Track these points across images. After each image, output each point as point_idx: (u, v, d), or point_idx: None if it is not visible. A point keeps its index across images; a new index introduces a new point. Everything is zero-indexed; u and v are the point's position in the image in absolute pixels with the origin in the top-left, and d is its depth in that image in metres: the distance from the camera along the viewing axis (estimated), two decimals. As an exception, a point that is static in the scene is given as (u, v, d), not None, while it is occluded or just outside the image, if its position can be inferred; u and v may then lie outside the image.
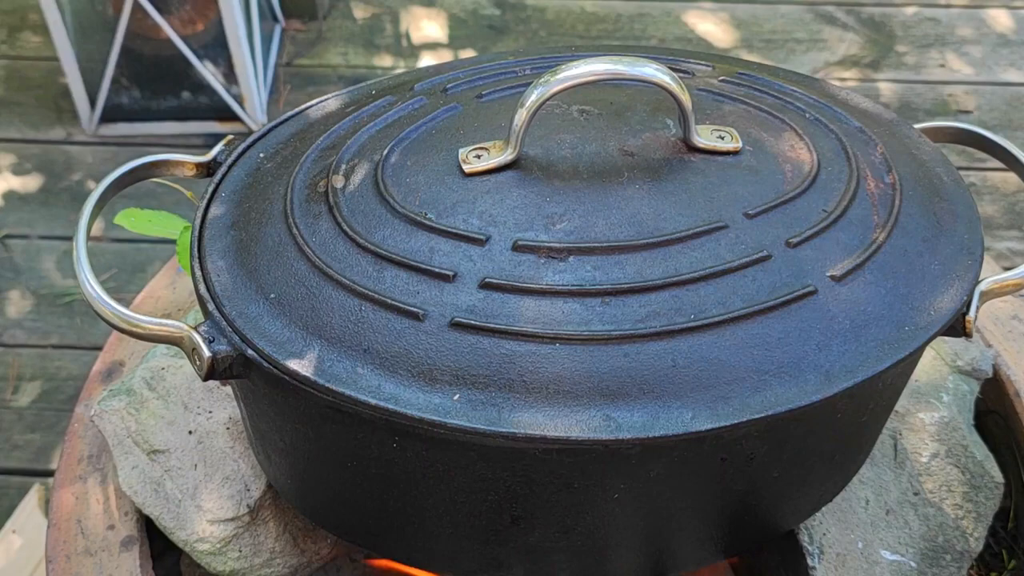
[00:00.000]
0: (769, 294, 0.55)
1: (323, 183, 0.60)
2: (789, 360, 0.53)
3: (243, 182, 0.65)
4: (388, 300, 0.54)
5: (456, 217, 0.56)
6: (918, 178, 0.64)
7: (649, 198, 0.57)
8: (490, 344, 0.53)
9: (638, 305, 0.54)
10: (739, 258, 0.55)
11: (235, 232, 0.61)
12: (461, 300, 0.54)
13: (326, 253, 0.57)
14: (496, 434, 0.51)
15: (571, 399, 0.52)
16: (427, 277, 0.55)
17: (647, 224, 0.56)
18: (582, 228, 0.56)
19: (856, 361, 0.54)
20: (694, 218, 0.56)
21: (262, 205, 0.62)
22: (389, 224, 0.57)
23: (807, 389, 0.53)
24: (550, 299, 0.54)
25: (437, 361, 0.53)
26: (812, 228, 0.57)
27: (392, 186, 0.59)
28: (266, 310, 0.56)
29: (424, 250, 0.56)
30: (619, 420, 0.51)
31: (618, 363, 0.52)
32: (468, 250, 0.55)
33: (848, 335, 0.55)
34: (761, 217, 0.57)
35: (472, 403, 0.52)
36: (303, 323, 0.55)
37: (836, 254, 0.57)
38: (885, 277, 0.57)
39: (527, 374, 0.52)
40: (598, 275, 0.54)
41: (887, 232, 0.58)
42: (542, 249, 0.55)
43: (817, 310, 0.55)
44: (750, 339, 0.54)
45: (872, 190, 0.60)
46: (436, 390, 0.52)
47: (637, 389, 0.52)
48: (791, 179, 0.59)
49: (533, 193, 0.57)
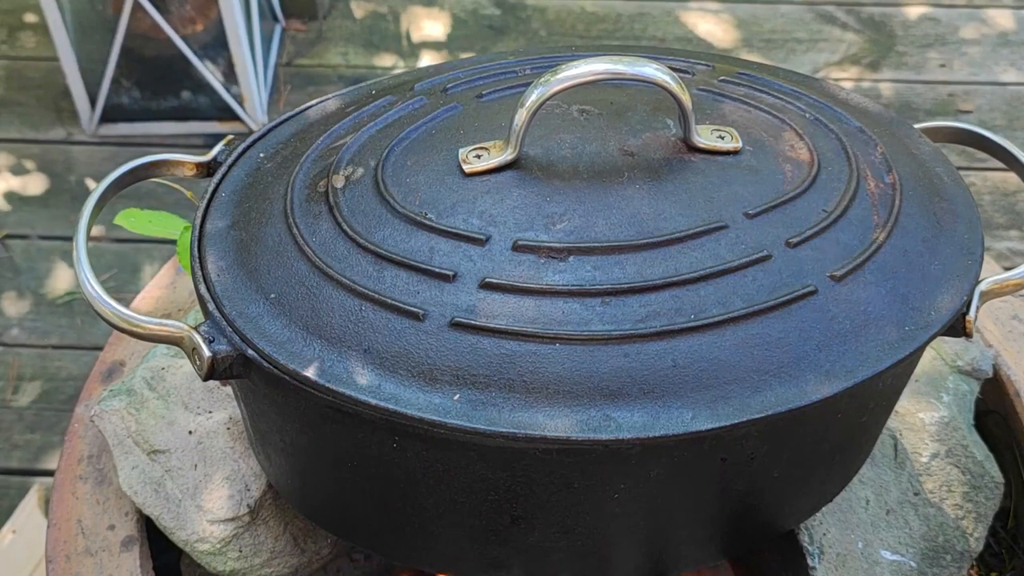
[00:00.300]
0: (769, 294, 0.55)
1: (323, 183, 0.60)
2: (789, 360, 0.53)
3: (243, 182, 0.65)
4: (388, 300, 0.54)
5: (456, 217, 0.56)
6: (918, 178, 0.64)
7: (649, 198, 0.57)
8: (490, 344, 0.53)
9: (638, 305, 0.54)
10: (739, 258, 0.55)
11: (235, 232, 0.61)
12: (461, 300, 0.54)
13: (326, 253, 0.57)
14: (496, 434, 0.51)
15: (571, 399, 0.52)
16: (427, 277, 0.55)
17: (647, 224, 0.56)
18: (582, 228, 0.56)
19: (856, 361, 0.54)
20: (694, 218, 0.56)
21: (262, 205, 0.62)
22: (389, 224, 0.57)
23: (807, 389, 0.53)
24: (550, 299, 0.54)
25: (437, 361, 0.53)
26: (812, 228, 0.57)
27: (392, 186, 0.59)
28: (266, 310, 0.56)
29: (424, 250, 0.56)
30: (619, 420, 0.51)
31: (618, 363, 0.52)
32: (468, 250, 0.55)
33: (848, 335, 0.55)
34: (761, 217, 0.57)
35: (472, 403, 0.52)
36: (303, 323, 0.55)
37: (836, 254, 0.57)
38: (885, 277, 0.57)
39: (527, 374, 0.52)
40: (598, 275, 0.54)
41: (887, 232, 0.58)
42: (542, 249, 0.55)
43: (817, 310, 0.55)
44: (750, 339, 0.54)
45: (872, 190, 0.60)
46: (436, 390, 0.52)
47: (637, 389, 0.52)
48: (791, 179, 0.59)
49: (533, 193, 0.57)
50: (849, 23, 2.04)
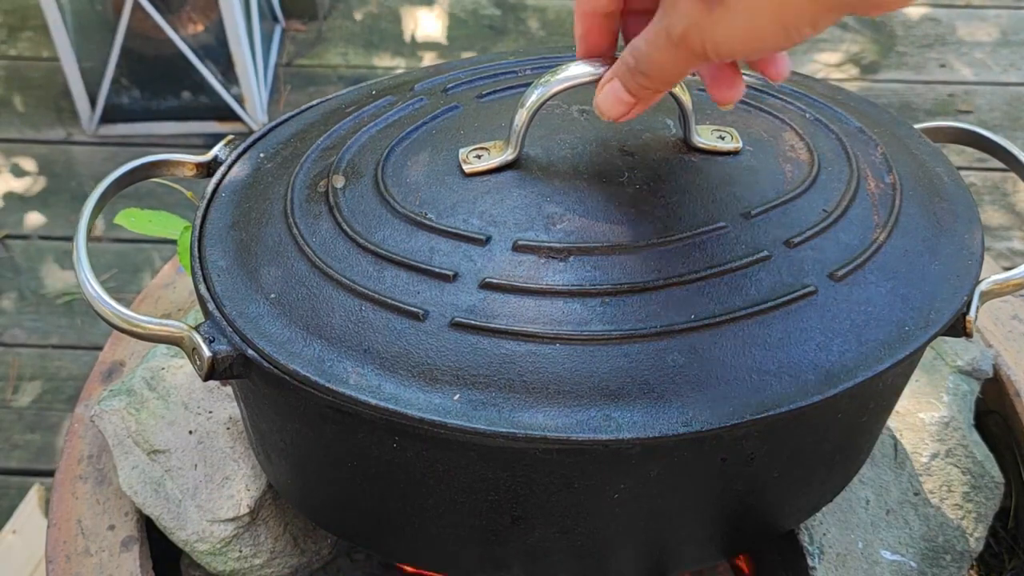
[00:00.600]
0: (769, 294, 0.55)
1: (323, 183, 0.60)
2: (789, 360, 0.53)
3: (243, 182, 0.65)
4: (388, 300, 0.54)
5: (456, 217, 0.56)
6: (918, 178, 0.64)
7: (649, 198, 0.57)
8: (490, 344, 0.53)
9: (638, 305, 0.54)
10: (739, 258, 0.55)
11: (235, 232, 0.61)
12: (461, 300, 0.54)
13: (326, 253, 0.57)
14: (496, 434, 0.51)
15: (571, 399, 0.52)
16: (427, 277, 0.55)
17: (647, 224, 0.56)
18: (582, 228, 0.56)
19: (857, 361, 0.54)
20: (694, 218, 0.56)
21: (262, 205, 0.62)
22: (389, 224, 0.57)
23: (808, 389, 0.53)
24: (550, 299, 0.54)
25: (437, 361, 0.53)
26: (812, 228, 0.57)
27: (392, 186, 0.59)
28: (267, 310, 0.56)
29: (424, 250, 0.56)
30: (619, 420, 0.51)
31: (618, 363, 0.52)
32: (468, 250, 0.55)
33: (849, 335, 0.55)
34: (761, 217, 0.57)
35: (472, 403, 0.52)
36: (303, 323, 0.55)
37: (836, 254, 0.57)
38: (886, 277, 0.57)
39: (527, 374, 0.52)
40: (598, 275, 0.54)
41: (887, 232, 0.58)
42: (542, 249, 0.55)
43: (817, 310, 0.55)
44: (750, 339, 0.53)
45: (872, 190, 0.60)
46: (436, 390, 0.52)
47: (637, 389, 0.52)
48: (791, 179, 0.59)
49: (533, 193, 0.57)
50: (849, 23, 2.04)
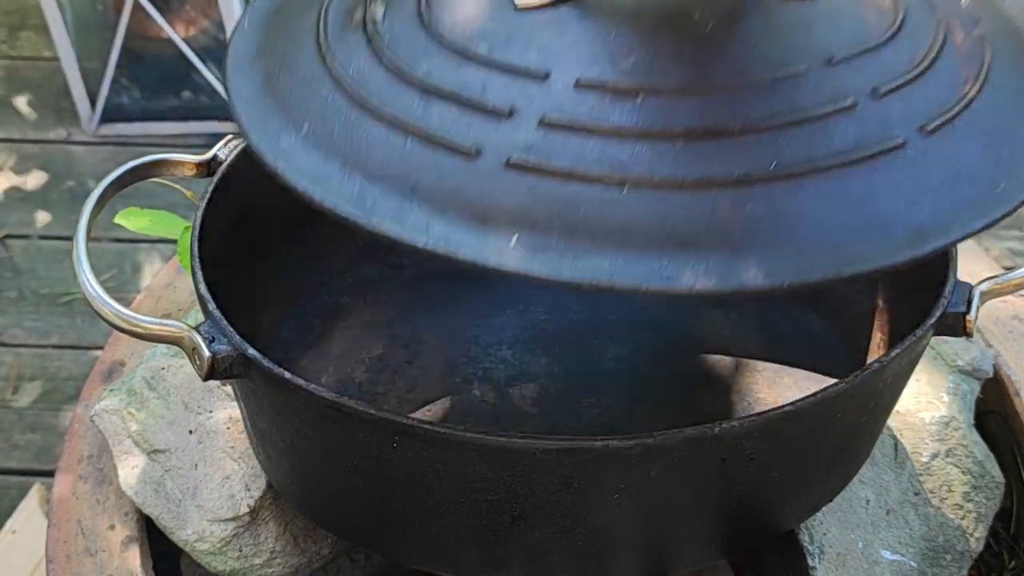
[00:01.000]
0: (855, 145, 0.50)
1: (360, 11, 0.56)
2: (876, 215, 0.49)
3: (268, 14, 0.60)
4: (437, 136, 0.50)
5: (511, 51, 0.51)
6: (1007, 34, 0.59)
7: (723, 39, 0.52)
8: (551, 186, 0.48)
9: (713, 151, 0.49)
10: (822, 104, 0.50)
11: (261, 62, 0.57)
12: (518, 138, 0.49)
13: (365, 86, 0.52)
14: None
15: (640, 247, 0.47)
16: (480, 113, 0.50)
17: (721, 67, 0.51)
18: (651, 67, 0.50)
19: (949, 219, 0.49)
20: (773, 62, 0.51)
21: (292, 34, 0.57)
22: (436, 56, 0.52)
23: (897, 246, 0.48)
24: (617, 141, 0.49)
25: (491, 202, 0.48)
26: (900, 78, 0.52)
27: (438, 16, 0.54)
28: (299, 143, 0.52)
29: (476, 85, 0.51)
30: (695, 270, 0.47)
31: (692, 210, 0.48)
32: (525, 86, 0.50)
33: (940, 192, 0.50)
34: (844, 64, 0.52)
35: (531, 247, 0.47)
36: (342, 157, 0.51)
37: (925, 106, 0.52)
38: (978, 133, 0.52)
39: (592, 218, 0.47)
40: (669, 118, 0.49)
41: (978, 87, 0.54)
42: (608, 87, 0.50)
43: (906, 164, 0.50)
44: (834, 192, 0.49)
45: (960, 42, 0.56)
46: (491, 232, 0.48)
47: (713, 239, 0.47)
48: (874, 27, 0.55)
49: (596, 29, 0.52)
50: None
